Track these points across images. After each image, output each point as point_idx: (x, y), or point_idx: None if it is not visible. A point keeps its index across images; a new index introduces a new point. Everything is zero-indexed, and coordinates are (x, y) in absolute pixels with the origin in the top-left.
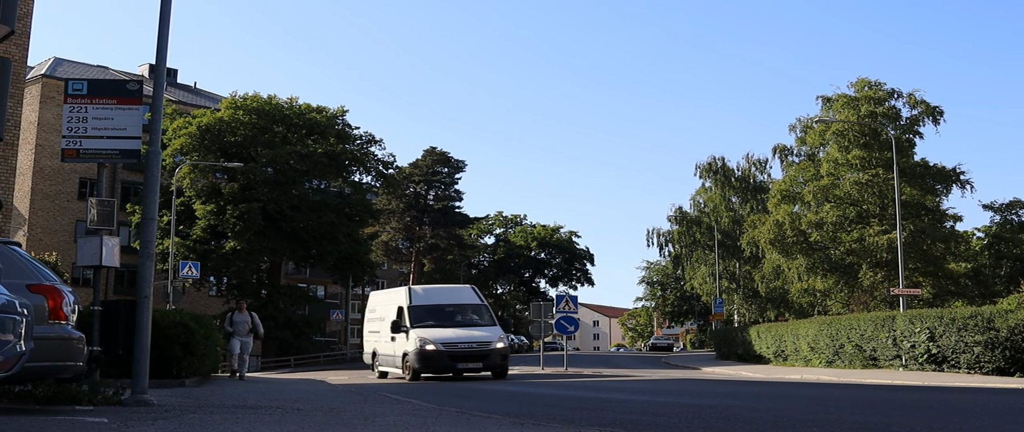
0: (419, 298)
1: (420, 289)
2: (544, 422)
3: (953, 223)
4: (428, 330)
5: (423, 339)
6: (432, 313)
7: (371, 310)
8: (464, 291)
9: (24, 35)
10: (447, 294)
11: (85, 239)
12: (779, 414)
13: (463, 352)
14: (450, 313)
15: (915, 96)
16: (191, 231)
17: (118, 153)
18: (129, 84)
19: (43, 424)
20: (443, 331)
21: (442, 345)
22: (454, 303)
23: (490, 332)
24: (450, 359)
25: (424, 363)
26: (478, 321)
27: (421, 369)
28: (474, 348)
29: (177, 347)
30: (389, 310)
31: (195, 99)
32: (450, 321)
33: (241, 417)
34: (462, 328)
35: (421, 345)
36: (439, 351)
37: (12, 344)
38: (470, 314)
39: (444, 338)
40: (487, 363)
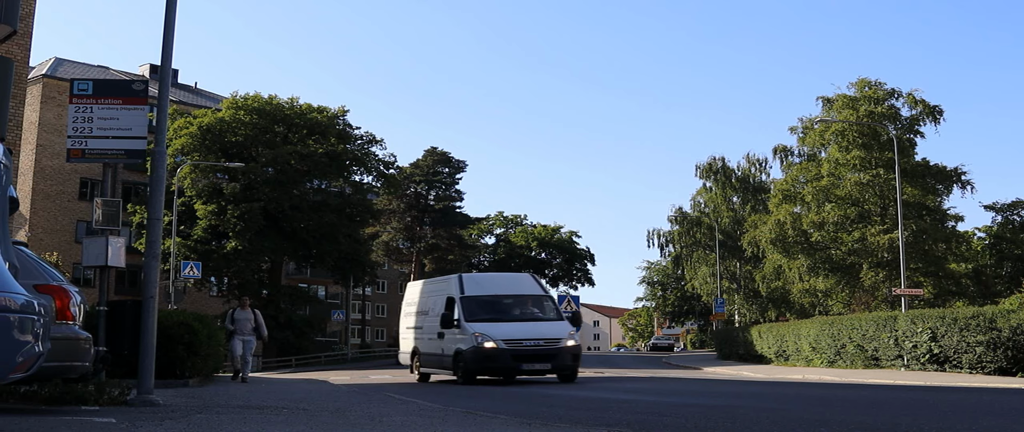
0: (472, 287)
1: (472, 278)
2: (551, 422)
3: (954, 223)
4: (486, 325)
5: (481, 335)
6: (488, 305)
7: (409, 303)
8: (523, 280)
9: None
10: (504, 283)
11: (91, 239)
12: (785, 414)
13: (529, 351)
14: (508, 305)
15: (914, 96)
16: (192, 231)
17: (124, 153)
18: (134, 84)
19: (52, 424)
20: (504, 326)
21: (504, 342)
22: (513, 293)
23: (558, 327)
24: (513, 359)
25: (481, 363)
26: (541, 315)
27: (477, 370)
28: (541, 346)
29: (181, 347)
30: (434, 302)
31: (196, 99)
32: (508, 315)
33: (248, 417)
34: (525, 323)
35: (479, 342)
36: (500, 350)
37: (31, 345)
38: (530, 306)
39: (506, 334)
40: (556, 364)
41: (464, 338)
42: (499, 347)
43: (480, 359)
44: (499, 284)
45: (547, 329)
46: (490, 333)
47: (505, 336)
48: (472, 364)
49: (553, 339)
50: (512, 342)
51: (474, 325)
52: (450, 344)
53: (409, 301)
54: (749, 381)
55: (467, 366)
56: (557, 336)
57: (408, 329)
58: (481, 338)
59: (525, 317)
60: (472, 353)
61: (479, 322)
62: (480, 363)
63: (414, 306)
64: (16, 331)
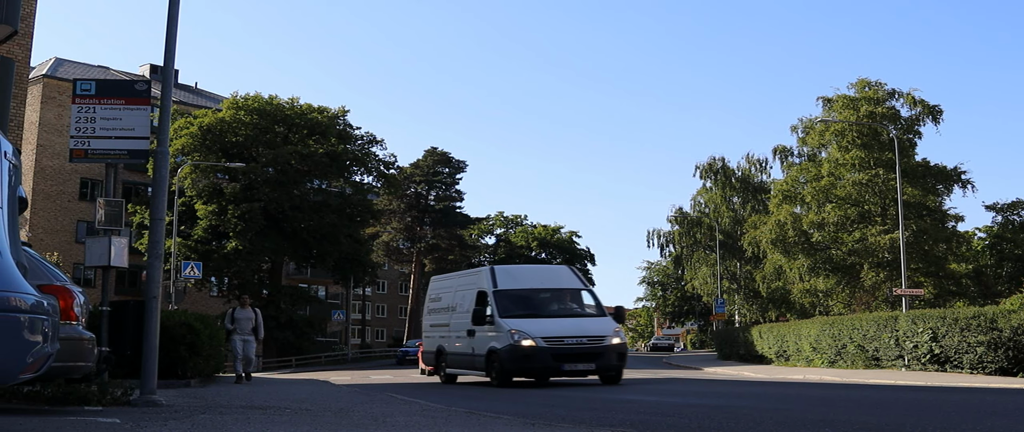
0: (506, 280)
1: (506, 269)
2: (554, 422)
3: (954, 223)
4: (522, 321)
5: (519, 332)
6: (524, 300)
7: (434, 298)
8: (561, 272)
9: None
10: (540, 275)
11: (93, 239)
12: (789, 414)
13: (571, 350)
14: (545, 300)
15: (914, 96)
16: (192, 231)
17: (126, 153)
18: (137, 84)
19: (57, 425)
20: (542, 322)
21: (543, 340)
22: (551, 287)
23: (601, 324)
24: (553, 359)
25: (518, 363)
26: (582, 310)
27: (514, 371)
28: (584, 345)
29: (182, 348)
30: (462, 298)
31: (196, 99)
32: (546, 310)
33: (252, 417)
34: (566, 319)
35: (515, 340)
36: (539, 348)
37: (41, 345)
38: (570, 301)
39: (546, 331)
40: (600, 364)
41: (499, 336)
42: (538, 345)
43: (517, 359)
44: (535, 277)
45: (590, 326)
46: (528, 330)
47: (544, 333)
48: (508, 364)
49: (597, 336)
50: (552, 340)
51: (510, 321)
52: (482, 343)
53: (433, 297)
54: (750, 381)
55: (502, 367)
56: (601, 333)
57: (432, 327)
58: (518, 335)
59: (565, 313)
60: (508, 352)
61: (515, 318)
62: (517, 363)
63: (439, 302)
64: (27, 331)
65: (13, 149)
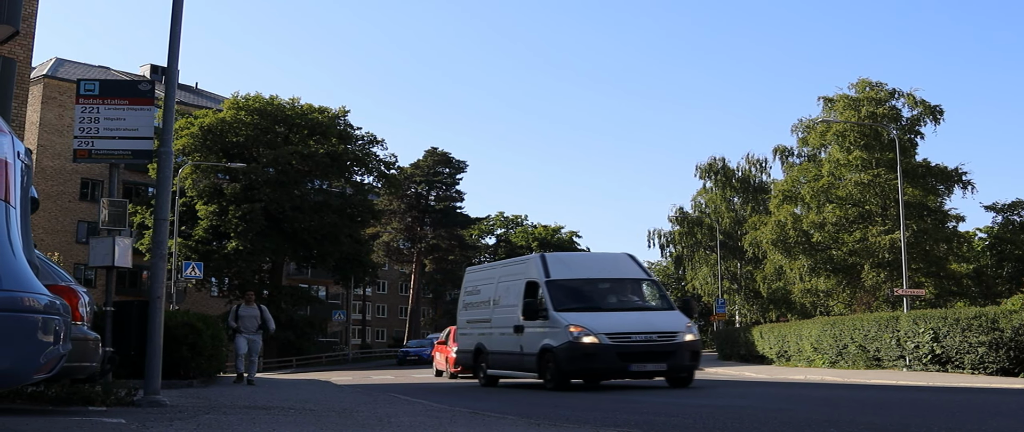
0: (560, 269)
1: (559, 257)
2: (559, 422)
3: (955, 223)
4: (582, 315)
5: (579, 328)
6: (580, 291)
7: (470, 291)
8: (620, 260)
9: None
10: (597, 264)
11: (97, 239)
12: (792, 414)
13: (639, 348)
14: (605, 291)
15: (914, 96)
16: (193, 231)
17: (130, 153)
18: (141, 84)
19: (63, 425)
20: (605, 316)
21: (607, 337)
22: (610, 277)
23: (671, 318)
24: (619, 358)
25: (578, 364)
26: (646, 303)
27: (573, 372)
28: (654, 342)
29: (185, 348)
30: (507, 289)
31: (197, 100)
32: (606, 303)
33: (256, 418)
34: (630, 312)
35: (575, 337)
36: (603, 346)
37: (54, 345)
38: (631, 293)
39: (609, 327)
40: (672, 364)
41: (554, 332)
42: (601, 343)
43: (577, 358)
44: (592, 265)
45: (659, 320)
46: (589, 325)
47: (608, 329)
48: (566, 365)
49: (668, 332)
50: (617, 336)
51: (567, 316)
52: (533, 340)
53: (470, 289)
54: (753, 382)
55: (559, 367)
56: (673, 329)
57: (469, 324)
58: (578, 332)
59: (627, 306)
60: (566, 351)
61: (571, 312)
62: (577, 363)
63: (477, 295)
64: (40, 332)
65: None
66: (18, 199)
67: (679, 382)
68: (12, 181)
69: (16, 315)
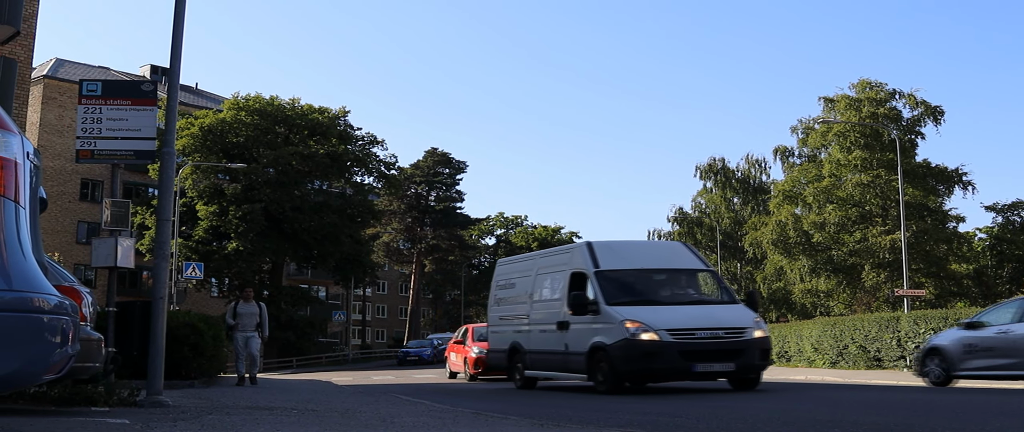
0: (610, 259)
1: (607, 246)
2: (562, 423)
3: (955, 224)
4: (638, 309)
5: (636, 324)
6: (634, 283)
7: (503, 285)
8: (675, 249)
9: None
10: (651, 253)
11: (100, 240)
12: (796, 414)
13: (704, 346)
14: (661, 283)
15: (915, 96)
16: (193, 232)
17: (133, 154)
18: (143, 85)
19: (67, 425)
20: (664, 311)
21: (668, 334)
22: (666, 267)
23: (737, 313)
24: (682, 357)
25: (636, 364)
26: (707, 296)
27: (630, 373)
28: (721, 339)
29: (186, 348)
30: (548, 282)
31: (197, 100)
32: (663, 296)
33: (259, 418)
34: (692, 306)
35: (631, 334)
36: (664, 344)
37: (64, 346)
38: (690, 285)
39: (670, 322)
40: (740, 363)
41: (608, 328)
42: (662, 340)
43: (635, 358)
44: (645, 254)
45: (724, 315)
46: (648, 321)
47: (669, 324)
48: (622, 364)
49: (735, 328)
50: (680, 333)
51: (622, 310)
52: (581, 338)
53: (502, 283)
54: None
55: (614, 367)
56: (740, 324)
57: (502, 320)
58: (635, 328)
59: (687, 299)
60: (622, 349)
61: (626, 305)
62: (634, 363)
63: (512, 289)
64: (49, 332)
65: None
66: (27, 199)
67: (745, 383)
68: (21, 181)
69: (26, 316)
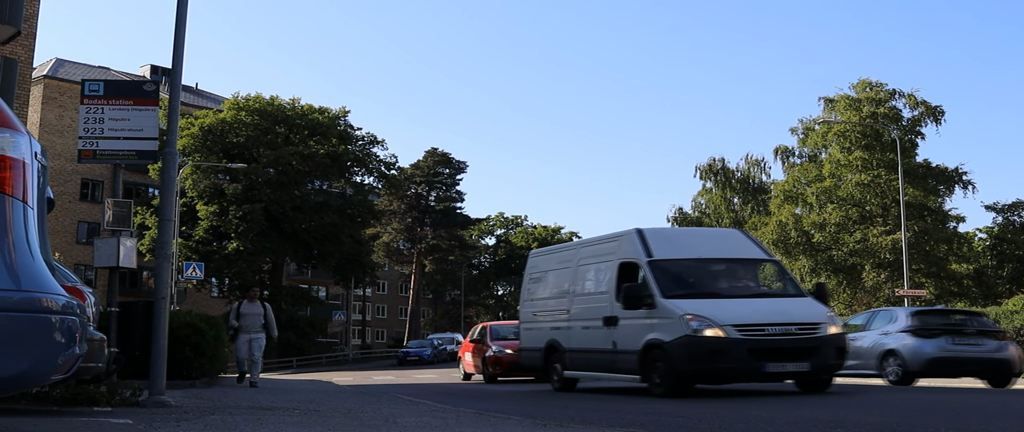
0: (664, 247)
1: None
2: (565, 423)
3: (956, 224)
4: (699, 303)
5: (700, 318)
6: (691, 275)
7: (537, 278)
8: (733, 238)
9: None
10: (707, 241)
11: (102, 240)
12: (799, 414)
13: (776, 343)
14: (721, 274)
15: (915, 96)
16: (193, 232)
17: (135, 154)
18: (145, 85)
19: (72, 426)
20: (729, 304)
21: (735, 330)
22: (725, 257)
23: (808, 307)
24: (751, 356)
25: (699, 363)
26: (772, 288)
27: (692, 373)
28: (793, 336)
29: (188, 348)
30: (592, 273)
31: (197, 100)
32: (724, 288)
33: (262, 418)
34: (758, 300)
35: (694, 330)
36: (731, 341)
37: (71, 346)
38: (749, 277)
39: (737, 317)
40: (816, 363)
41: (665, 324)
42: (728, 337)
43: (698, 356)
44: (701, 242)
45: (795, 309)
46: (712, 315)
47: (736, 319)
48: (683, 364)
49: (809, 324)
50: (748, 329)
51: (681, 303)
52: (632, 334)
53: (536, 275)
54: None
55: (673, 368)
56: (814, 319)
57: (537, 316)
58: (698, 323)
59: (751, 291)
60: (683, 347)
61: (685, 298)
62: (697, 363)
63: (547, 282)
64: (58, 333)
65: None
66: (35, 199)
67: (817, 386)
68: (29, 181)
69: (34, 316)
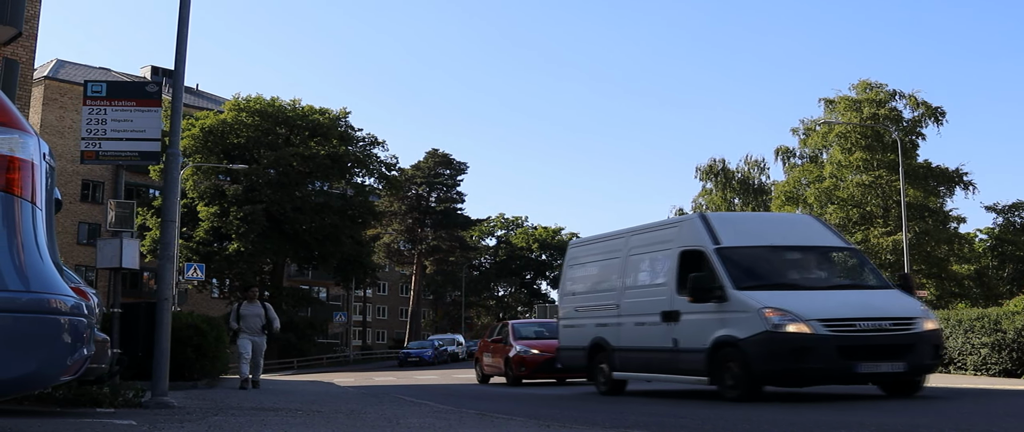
0: (731, 234)
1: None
2: (567, 423)
3: (956, 224)
4: (778, 294)
5: (779, 312)
6: (764, 265)
7: (578, 269)
8: (805, 223)
9: (31, 37)
10: (777, 227)
11: (105, 241)
12: (802, 414)
13: (868, 340)
14: (793, 264)
15: (916, 97)
16: (194, 233)
17: (137, 155)
18: (148, 86)
19: (76, 427)
20: (809, 297)
21: (822, 325)
22: (800, 244)
23: (898, 300)
24: (841, 354)
25: (781, 362)
26: (854, 279)
27: (771, 374)
28: (887, 332)
29: (189, 349)
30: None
31: (198, 101)
32: (800, 279)
33: (266, 419)
34: (842, 291)
35: (774, 326)
36: (818, 338)
37: (80, 347)
38: (826, 267)
39: (823, 310)
40: (912, 362)
41: (739, 318)
42: (815, 333)
43: (780, 355)
44: (772, 228)
45: (885, 302)
46: (794, 308)
47: (822, 313)
48: (762, 364)
49: (903, 319)
50: (836, 324)
51: (758, 295)
52: (698, 331)
53: (577, 267)
54: None
55: (750, 367)
56: (908, 314)
57: (579, 312)
58: (779, 317)
59: (832, 283)
60: (762, 345)
61: (757, 290)
62: (778, 362)
63: (592, 275)
64: (66, 333)
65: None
66: (43, 200)
67: (909, 387)
68: (38, 182)
69: (43, 317)
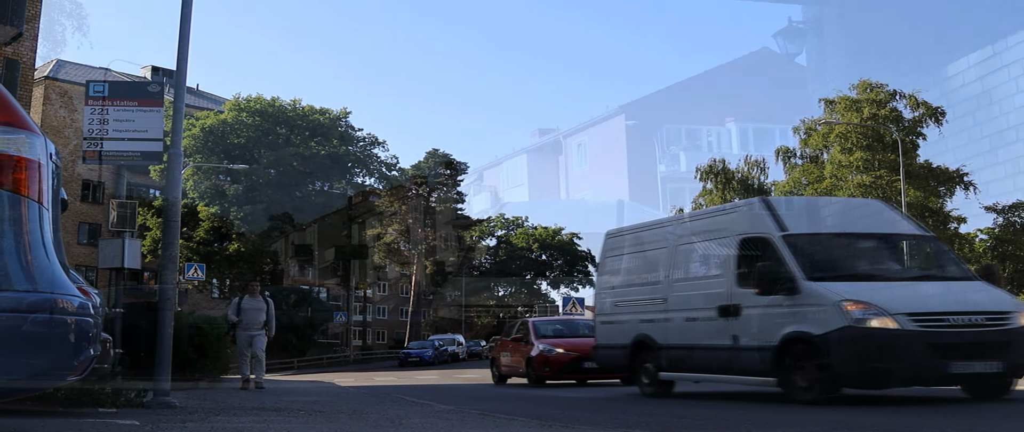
0: (797, 220)
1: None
2: (569, 424)
3: (957, 225)
4: (859, 286)
5: (860, 305)
6: (836, 253)
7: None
8: (876, 209)
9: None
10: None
11: (107, 241)
12: (803, 414)
13: (961, 336)
14: (870, 252)
15: (916, 97)
16: (194, 233)
17: (139, 155)
18: (150, 86)
19: (78, 427)
20: (891, 288)
21: (910, 320)
22: (873, 232)
23: (987, 293)
24: (932, 352)
25: (865, 361)
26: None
27: (854, 374)
28: (981, 327)
29: (190, 349)
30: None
31: (198, 101)
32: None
33: (268, 419)
34: (926, 283)
35: (856, 320)
36: (906, 334)
37: (87, 347)
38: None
39: (909, 304)
40: (1009, 361)
41: (814, 312)
42: (902, 328)
43: (864, 353)
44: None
45: (975, 296)
46: (878, 301)
47: (909, 307)
48: (844, 363)
49: (998, 314)
50: (925, 319)
51: (835, 286)
52: (763, 326)
53: (616, 258)
54: None
55: (831, 368)
56: (1002, 308)
57: (618, 306)
58: (861, 311)
59: (911, 274)
60: (843, 342)
61: (834, 281)
62: (862, 361)
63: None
64: (73, 334)
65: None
66: (49, 201)
67: (998, 390)
68: (45, 183)
69: (50, 317)
